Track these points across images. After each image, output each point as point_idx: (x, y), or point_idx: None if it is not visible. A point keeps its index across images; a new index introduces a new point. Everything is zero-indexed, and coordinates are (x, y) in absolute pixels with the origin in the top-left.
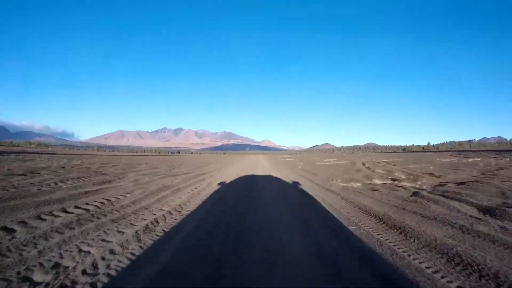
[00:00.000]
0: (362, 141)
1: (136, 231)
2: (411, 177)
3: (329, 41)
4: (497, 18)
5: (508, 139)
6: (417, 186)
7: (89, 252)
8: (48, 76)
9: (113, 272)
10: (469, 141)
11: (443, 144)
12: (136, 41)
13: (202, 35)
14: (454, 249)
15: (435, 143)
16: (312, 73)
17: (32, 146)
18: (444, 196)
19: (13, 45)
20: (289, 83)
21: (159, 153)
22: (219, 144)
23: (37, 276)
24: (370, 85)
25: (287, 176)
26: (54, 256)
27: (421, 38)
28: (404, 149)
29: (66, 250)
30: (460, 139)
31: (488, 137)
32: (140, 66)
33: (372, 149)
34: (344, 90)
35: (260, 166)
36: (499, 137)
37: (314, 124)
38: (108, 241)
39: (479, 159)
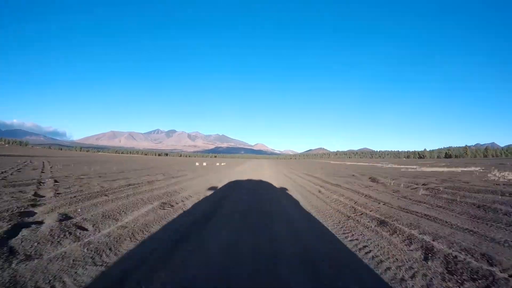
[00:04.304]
0: (356, 146)
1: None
2: None
3: (323, 45)
4: (486, 30)
5: (502, 145)
6: None
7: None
8: (40, 74)
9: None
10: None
11: (446, 148)
12: (131, 41)
13: (197, 37)
14: None
15: (429, 149)
16: (307, 77)
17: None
18: None
19: (4, 43)
20: (283, 87)
21: (146, 154)
22: (212, 147)
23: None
24: (365, 90)
25: None
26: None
27: (416, 45)
28: (419, 156)
29: None
30: (455, 145)
31: (482, 143)
32: (133, 66)
33: (369, 154)
34: (338, 95)
35: None
36: (493, 143)
37: (307, 128)
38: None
39: None
